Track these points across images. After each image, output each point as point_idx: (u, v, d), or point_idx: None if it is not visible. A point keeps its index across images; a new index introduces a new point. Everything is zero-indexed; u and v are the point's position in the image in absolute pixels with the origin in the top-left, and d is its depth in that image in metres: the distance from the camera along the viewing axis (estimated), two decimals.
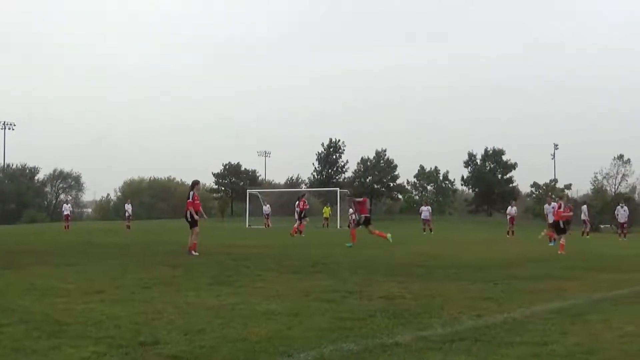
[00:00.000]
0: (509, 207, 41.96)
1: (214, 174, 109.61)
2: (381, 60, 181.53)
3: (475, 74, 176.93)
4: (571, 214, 24.96)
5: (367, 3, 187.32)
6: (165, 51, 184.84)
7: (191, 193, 19.72)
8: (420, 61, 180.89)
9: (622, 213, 40.10)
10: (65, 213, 48.98)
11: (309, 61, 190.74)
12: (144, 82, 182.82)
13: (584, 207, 44.52)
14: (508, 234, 39.29)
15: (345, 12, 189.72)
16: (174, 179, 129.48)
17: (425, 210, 45.20)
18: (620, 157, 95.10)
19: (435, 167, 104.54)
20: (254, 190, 72.46)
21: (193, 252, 18.62)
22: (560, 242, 21.82)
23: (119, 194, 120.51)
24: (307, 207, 37.23)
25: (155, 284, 11.30)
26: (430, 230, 43.17)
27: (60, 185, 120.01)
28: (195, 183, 20.59)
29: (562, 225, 22.22)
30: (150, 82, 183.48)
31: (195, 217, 19.45)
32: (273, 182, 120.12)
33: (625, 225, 40.43)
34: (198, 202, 19.94)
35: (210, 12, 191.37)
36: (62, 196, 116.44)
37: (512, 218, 40.57)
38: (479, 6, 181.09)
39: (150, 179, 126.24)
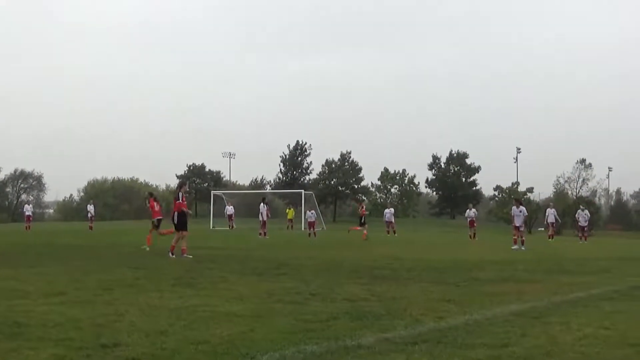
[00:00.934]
0: (468, 210, 42.00)
1: (177, 176, 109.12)
2: (347, 62, 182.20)
3: (440, 77, 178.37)
4: None
5: (338, 6, 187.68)
6: (129, 50, 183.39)
7: (180, 194, 19.23)
8: (386, 64, 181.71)
9: (583, 216, 40.61)
10: (26, 214, 48.37)
11: (277, 62, 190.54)
12: (107, 82, 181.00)
13: (552, 210, 44.90)
14: (470, 237, 39.32)
15: (314, 14, 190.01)
16: (138, 179, 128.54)
17: (388, 213, 45.34)
18: (583, 161, 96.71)
19: (403, 170, 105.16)
20: (218, 192, 72.20)
21: (186, 255, 18.19)
22: None
23: (82, 194, 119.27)
24: (367, 213, 37.17)
25: (117, 286, 11.20)
26: (394, 233, 43.34)
27: (22, 185, 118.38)
28: (183, 184, 20.40)
29: None
30: (113, 82, 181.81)
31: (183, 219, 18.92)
32: (237, 184, 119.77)
33: (586, 228, 41.00)
34: (185, 203, 19.51)
35: (172, 10, 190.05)
36: (23, 196, 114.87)
37: (471, 221, 40.61)
38: (435, 8, 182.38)
39: (113, 180, 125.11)
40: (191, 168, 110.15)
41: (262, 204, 38.73)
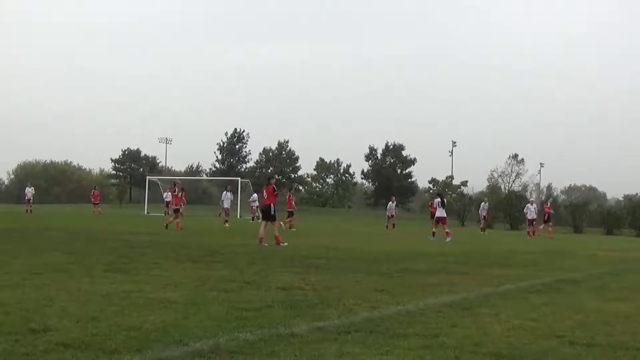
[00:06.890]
0: (390, 203, 44.19)
1: (112, 160, 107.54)
2: (287, 55, 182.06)
3: (379, 71, 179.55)
4: None
5: None
6: (69, 31, 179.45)
7: (274, 187, 20.90)
8: (325, 57, 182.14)
9: (531, 210, 40.90)
10: None
11: (217, 51, 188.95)
12: (42, 61, 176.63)
13: (485, 204, 45.93)
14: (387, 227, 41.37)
15: (257, 4, 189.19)
16: (71, 162, 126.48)
17: (255, 199, 47.04)
18: (515, 156, 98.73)
19: (337, 160, 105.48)
20: (153, 177, 71.40)
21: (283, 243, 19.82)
22: None
23: (12, 176, 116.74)
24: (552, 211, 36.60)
25: (48, 270, 10.98)
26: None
27: None
28: (272, 176, 22.39)
29: None
30: (49, 62, 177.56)
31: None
32: (173, 170, 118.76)
33: (534, 222, 41.21)
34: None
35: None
36: None
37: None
38: (384, 6, 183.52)
39: (45, 163, 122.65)
40: (126, 153, 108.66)
41: (225, 191, 39.58)
